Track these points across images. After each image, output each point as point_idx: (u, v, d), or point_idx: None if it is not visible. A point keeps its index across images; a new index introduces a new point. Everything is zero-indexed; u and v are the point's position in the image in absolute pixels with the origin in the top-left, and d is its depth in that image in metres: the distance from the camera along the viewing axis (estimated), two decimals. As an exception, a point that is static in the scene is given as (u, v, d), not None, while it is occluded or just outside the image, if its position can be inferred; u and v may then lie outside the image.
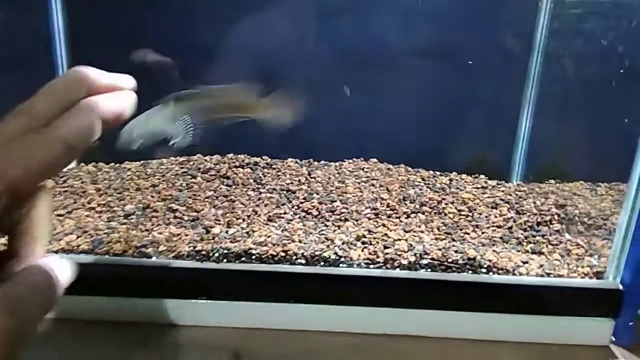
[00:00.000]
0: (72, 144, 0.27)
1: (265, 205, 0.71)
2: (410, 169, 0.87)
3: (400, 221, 0.69)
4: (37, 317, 0.25)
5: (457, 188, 0.79)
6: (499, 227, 0.69)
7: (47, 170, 0.27)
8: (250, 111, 0.47)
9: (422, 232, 0.66)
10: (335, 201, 0.72)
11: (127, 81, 0.32)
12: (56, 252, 0.60)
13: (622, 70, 0.70)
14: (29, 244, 0.28)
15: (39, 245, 0.29)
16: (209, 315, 0.59)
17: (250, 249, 0.60)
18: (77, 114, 0.28)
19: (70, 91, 0.29)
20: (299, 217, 0.69)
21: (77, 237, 0.62)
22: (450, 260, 0.60)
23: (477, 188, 0.81)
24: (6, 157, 0.25)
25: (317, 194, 0.75)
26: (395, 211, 0.70)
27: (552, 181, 0.85)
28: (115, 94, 0.31)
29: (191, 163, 0.85)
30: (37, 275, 0.26)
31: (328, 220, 0.68)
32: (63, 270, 0.27)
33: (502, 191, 0.80)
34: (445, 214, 0.71)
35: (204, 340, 0.57)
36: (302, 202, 0.72)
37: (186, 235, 0.63)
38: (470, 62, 0.84)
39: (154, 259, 0.60)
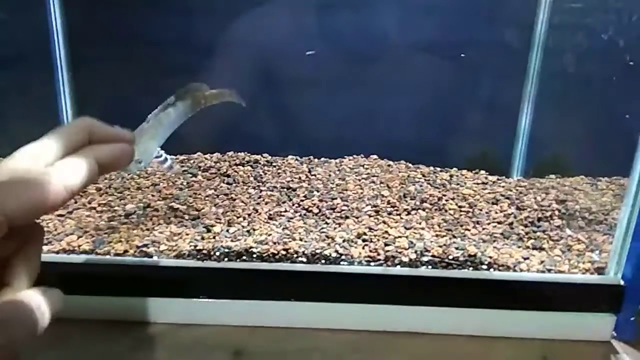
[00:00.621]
0: (71, 185, 0.30)
1: (266, 204, 0.71)
2: (410, 165, 0.87)
3: (401, 218, 0.69)
4: (22, 340, 0.27)
5: (458, 184, 0.79)
6: (499, 223, 0.69)
7: (46, 207, 0.29)
8: (210, 100, 0.56)
9: (422, 229, 0.66)
10: (335, 198, 0.72)
11: (125, 134, 0.36)
12: (57, 252, 0.60)
13: (631, 63, 0.69)
14: (20, 275, 0.30)
15: (29, 277, 0.31)
16: (210, 313, 0.59)
17: (251, 247, 0.60)
18: (78, 159, 0.31)
19: (74, 138, 0.32)
20: (300, 215, 0.69)
21: (78, 237, 0.62)
22: (451, 257, 0.60)
23: (478, 184, 0.81)
24: (10, 192, 0.27)
25: (318, 191, 0.75)
26: (395, 208, 0.70)
27: (553, 176, 0.85)
28: (113, 144, 0.34)
29: (192, 161, 0.85)
30: (25, 304, 0.28)
31: (329, 218, 0.68)
32: (49, 302, 0.29)
33: (503, 187, 0.79)
34: (446, 211, 0.71)
35: (206, 339, 0.58)
36: (302, 200, 0.72)
37: (187, 234, 0.63)
38: (463, 55, 0.84)
39: (155, 258, 0.60)
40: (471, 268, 0.60)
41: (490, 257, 0.60)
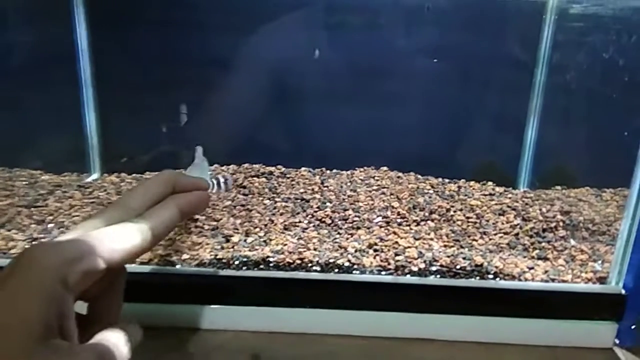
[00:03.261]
0: (158, 233, 0.34)
1: (281, 214, 0.75)
2: (419, 176, 0.90)
3: (411, 229, 0.71)
4: None
5: (466, 195, 0.82)
6: (505, 233, 0.72)
7: (138, 252, 0.33)
8: None
9: (431, 239, 0.69)
10: (347, 210, 0.75)
11: (203, 183, 0.41)
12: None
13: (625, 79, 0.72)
14: (107, 311, 0.35)
15: (116, 313, 0.35)
16: (229, 320, 0.62)
17: (268, 257, 0.63)
18: (163, 209, 0.36)
19: (159, 190, 0.37)
20: (314, 226, 0.72)
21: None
22: (458, 267, 0.63)
23: (485, 195, 0.83)
24: (108, 240, 0.32)
25: (330, 202, 0.78)
26: (405, 219, 0.73)
27: (558, 187, 0.87)
28: (192, 193, 0.38)
29: (209, 173, 0.89)
30: (115, 342, 0.32)
31: (341, 229, 0.71)
32: (131, 337, 0.34)
33: (509, 198, 0.82)
34: (454, 221, 0.74)
35: (225, 344, 0.61)
36: (316, 211, 0.75)
37: (207, 244, 0.67)
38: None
39: (178, 266, 0.63)
40: (478, 277, 0.62)
41: (496, 267, 0.63)
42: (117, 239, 0.32)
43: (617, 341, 0.62)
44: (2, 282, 0.28)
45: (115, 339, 0.32)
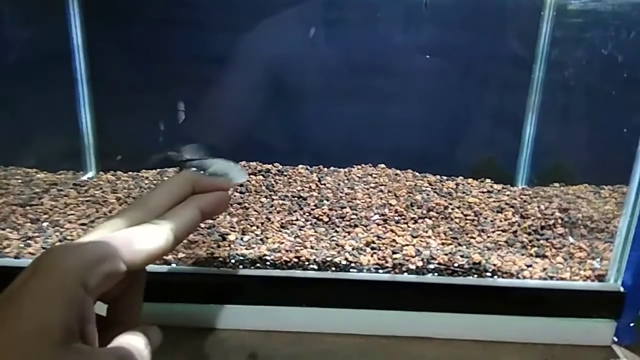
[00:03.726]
0: (179, 234, 0.34)
1: (278, 212, 0.74)
2: (417, 174, 0.89)
3: (408, 227, 0.71)
4: None
5: (464, 192, 0.82)
6: (504, 231, 0.71)
7: (159, 254, 0.32)
8: None
9: (429, 237, 0.68)
10: (345, 207, 0.75)
11: (223, 184, 0.40)
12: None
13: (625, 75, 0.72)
14: (128, 313, 0.34)
15: (137, 314, 0.35)
16: (226, 318, 0.62)
17: (264, 255, 0.63)
18: (184, 209, 0.35)
19: (180, 191, 0.36)
20: (311, 224, 0.71)
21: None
22: (456, 265, 0.62)
23: (483, 192, 0.83)
24: (129, 242, 0.31)
25: (328, 200, 0.77)
26: (403, 217, 0.73)
27: (557, 184, 0.87)
28: (212, 194, 0.38)
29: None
30: (136, 346, 0.32)
31: (338, 227, 0.71)
32: (151, 340, 0.33)
33: (507, 195, 0.82)
34: (452, 219, 0.73)
35: (222, 343, 0.60)
36: (313, 209, 0.75)
37: (203, 242, 0.66)
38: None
39: (173, 265, 0.63)
40: (476, 275, 0.62)
41: (494, 265, 0.63)
42: (138, 241, 0.31)
43: (615, 339, 0.61)
44: (23, 284, 0.27)
45: (136, 343, 0.32)
